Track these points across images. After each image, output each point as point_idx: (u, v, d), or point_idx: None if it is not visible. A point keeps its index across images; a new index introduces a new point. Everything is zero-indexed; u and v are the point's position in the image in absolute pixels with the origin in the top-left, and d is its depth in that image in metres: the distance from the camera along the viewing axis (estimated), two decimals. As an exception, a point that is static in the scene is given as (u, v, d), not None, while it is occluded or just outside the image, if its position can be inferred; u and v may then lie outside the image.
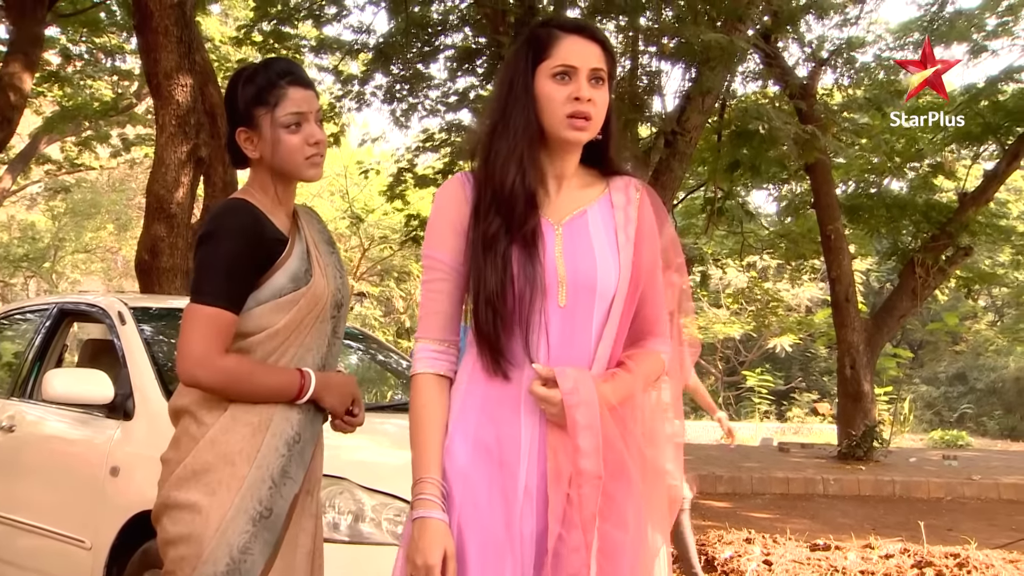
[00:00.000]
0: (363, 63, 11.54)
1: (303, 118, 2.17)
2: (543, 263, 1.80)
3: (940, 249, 10.66)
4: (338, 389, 2.23)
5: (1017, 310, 17.57)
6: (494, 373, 1.81)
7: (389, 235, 18.34)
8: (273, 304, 2.13)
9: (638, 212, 1.91)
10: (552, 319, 1.80)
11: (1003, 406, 21.65)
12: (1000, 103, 10.97)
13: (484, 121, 1.93)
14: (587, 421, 1.76)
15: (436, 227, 1.89)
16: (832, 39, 11.27)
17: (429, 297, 1.89)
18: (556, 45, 1.83)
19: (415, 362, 1.88)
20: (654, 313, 1.93)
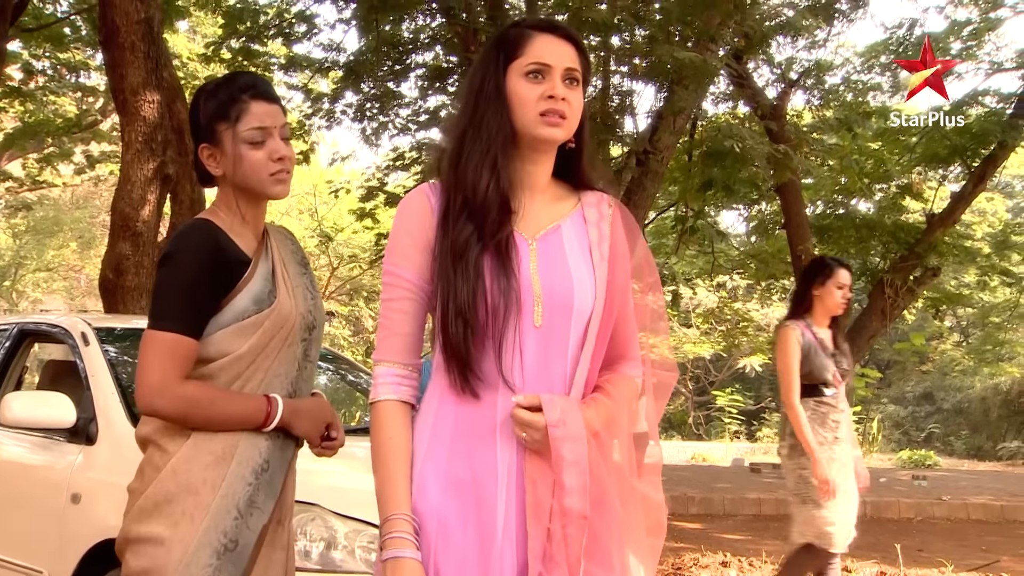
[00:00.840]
0: (333, 81, 11.46)
1: (266, 133, 2.09)
2: (518, 278, 1.70)
3: (909, 270, 10.71)
4: (309, 415, 2.14)
5: (983, 331, 17.74)
6: (463, 391, 1.69)
7: (359, 254, 18.21)
8: (235, 328, 2.04)
9: (611, 229, 1.82)
10: (527, 339, 1.70)
11: (969, 426, 21.85)
12: (966, 126, 11.06)
13: (452, 126, 1.83)
14: (574, 456, 1.66)
15: (398, 241, 1.79)
16: (800, 61, 11.36)
17: (391, 317, 1.77)
18: (528, 43, 1.75)
19: (377, 387, 1.76)
20: (626, 335, 1.84)
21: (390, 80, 10.87)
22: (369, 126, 11.08)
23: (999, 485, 11.87)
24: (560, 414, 1.66)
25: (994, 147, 10.80)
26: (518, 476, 1.68)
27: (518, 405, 1.67)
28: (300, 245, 2.35)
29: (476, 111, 1.76)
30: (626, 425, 1.81)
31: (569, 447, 1.66)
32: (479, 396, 1.70)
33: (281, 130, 2.13)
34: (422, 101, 11.10)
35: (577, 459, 1.66)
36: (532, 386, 1.70)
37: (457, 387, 1.70)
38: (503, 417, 1.69)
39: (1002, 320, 15.77)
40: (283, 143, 2.12)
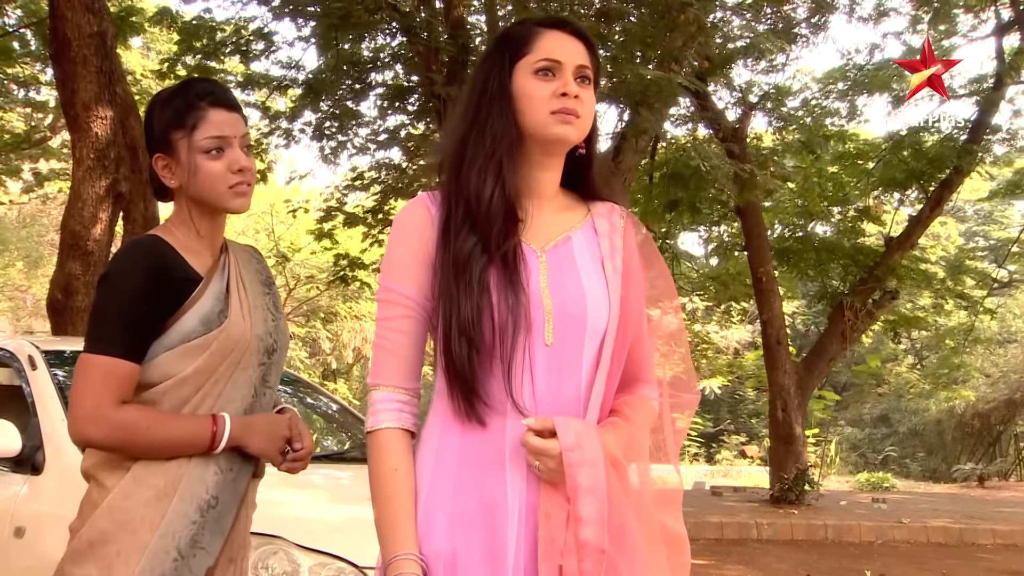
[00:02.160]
0: (291, 99, 11.31)
1: (225, 142, 1.95)
2: (527, 293, 1.56)
3: (868, 292, 10.79)
4: (265, 431, 1.97)
5: (937, 354, 17.96)
6: (468, 418, 1.55)
7: (316, 274, 18.01)
8: (181, 349, 1.89)
9: (623, 241, 1.70)
10: (538, 359, 1.56)
11: (925, 448, 22.07)
12: (922, 150, 11.21)
13: (453, 129, 1.69)
14: (591, 484, 1.52)
15: (396, 255, 1.65)
16: (759, 84, 11.44)
17: (389, 338, 1.63)
18: (537, 40, 1.63)
19: (374, 414, 1.62)
20: (642, 355, 1.71)
21: (349, 99, 10.76)
22: (328, 145, 10.96)
23: (956, 508, 11.91)
24: (575, 438, 1.53)
25: (949, 172, 10.95)
26: (529, 509, 1.55)
27: (529, 430, 1.53)
28: (266, 264, 2.20)
29: (479, 112, 1.63)
30: (646, 451, 1.68)
31: (586, 473, 1.52)
32: (485, 422, 1.56)
33: (241, 140, 1.99)
34: (382, 120, 11.01)
35: (594, 487, 1.52)
36: (544, 409, 1.56)
37: (461, 413, 1.57)
38: (513, 444, 1.56)
39: (956, 343, 15.94)
40: (243, 154, 1.98)
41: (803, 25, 10.26)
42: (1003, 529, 9.77)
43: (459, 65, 9.40)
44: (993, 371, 20.16)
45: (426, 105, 10.26)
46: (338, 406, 5.44)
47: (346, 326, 21.08)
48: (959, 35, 12.80)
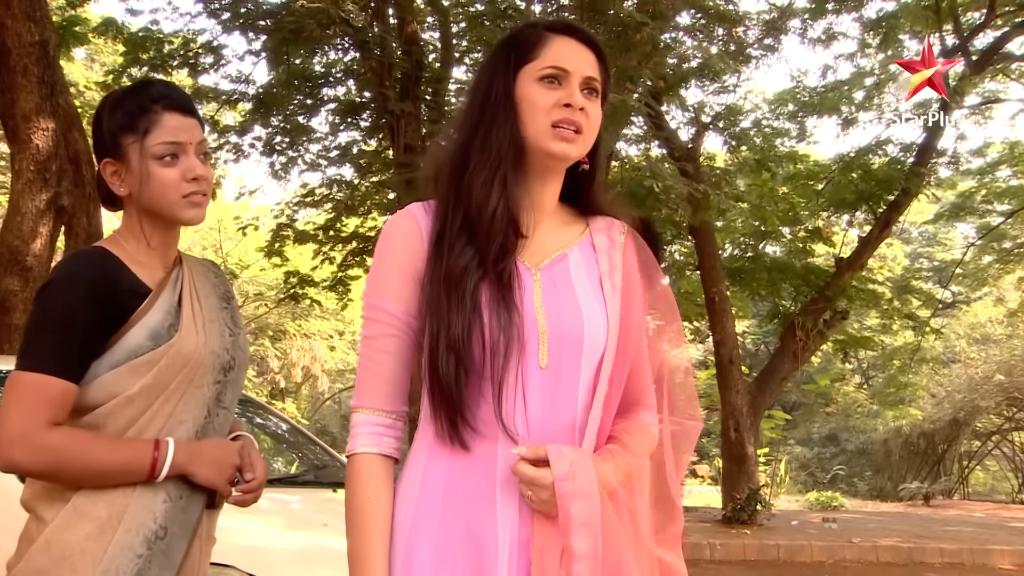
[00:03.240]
0: (240, 114, 11.12)
1: (180, 149, 1.82)
2: (521, 312, 1.46)
3: (819, 312, 10.86)
4: (213, 458, 1.82)
5: (884, 373, 18.19)
6: (451, 442, 1.46)
7: (265, 292, 17.72)
8: (127, 367, 1.74)
9: (623, 258, 1.60)
10: (531, 382, 1.47)
11: (872, 467, 22.31)
12: (871, 172, 11.35)
13: (454, 134, 1.59)
14: (584, 516, 1.42)
15: (382, 269, 1.54)
16: (711, 105, 11.51)
17: (372, 357, 1.53)
18: (545, 45, 1.54)
19: (354, 438, 1.52)
20: (641, 379, 1.61)
21: (300, 114, 10.63)
22: (278, 160, 10.81)
23: (904, 526, 12.01)
24: (569, 467, 1.43)
25: (898, 194, 11.08)
26: (521, 543, 1.45)
27: (521, 458, 1.44)
28: (225, 279, 2.07)
29: (483, 118, 1.53)
30: (646, 481, 1.58)
31: (579, 505, 1.42)
32: (469, 447, 1.46)
33: (198, 147, 1.86)
34: (333, 136, 10.88)
35: (587, 520, 1.43)
36: (537, 436, 1.47)
37: (445, 437, 1.47)
38: (504, 473, 1.46)
39: (903, 363, 16.14)
40: (199, 161, 1.85)
41: (755, 47, 10.34)
42: (950, 548, 9.84)
43: (412, 81, 9.33)
44: (938, 391, 20.47)
45: (379, 121, 10.16)
46: (288, 426, 5.29)
47: (295, 344, 20.79)
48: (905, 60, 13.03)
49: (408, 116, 9.16)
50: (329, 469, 4.46)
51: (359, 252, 10.75)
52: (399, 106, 8.89)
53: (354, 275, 11.24)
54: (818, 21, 11.66)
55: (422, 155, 8.98)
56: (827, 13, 11.59)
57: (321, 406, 25.14)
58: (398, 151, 9.34)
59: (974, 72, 11.54)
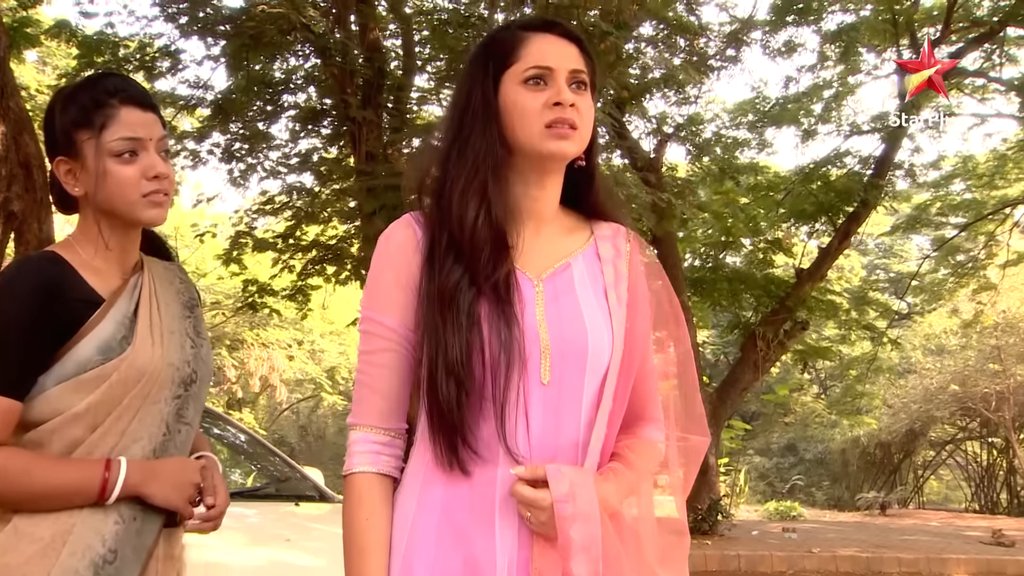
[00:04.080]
0: (199, 120, 10.94)
1: (140, 145, 1.72)
2: (521, 326, 1.41)
3: (779, 323, 10.90)
4: (170, 477, 1.71)
5: (841, 383, 18.36)
6: (450, 467, 1.40)
7: (222, 300, 17.47)
8: (75, 382, 1.63)
9: (629, 267, 1.55)
10: (533, 399, 1.41)
11: (830, 477, 22.48)
12: (831, 183, 11.45)
13: (433, 147, 1.53)
14: (585, 540, 1.36)
15: (379, 281, 1.49)
16: (673, 115, 11.54)
17: (370, 372, 1.48)
18: (524, 46, 1.48)
19: (351, 456, 1.47)
20: (646, 393, 1.56)
21: (260, 121, 10.46)
22: (237, 167, 10.61)
23: (863, 536, 12.09)
24: (568, 488, 1.37)
25: (857, 205, 11.17)
26: (520, 567, 1.39)
27: (519, 479, 1.38)
28: (191, 284, 1.96)
29: (461, 129, 1.48)
30: (651, 500, 1.52)
31: (579, 528, 1.36)
32: (469, 472, 1.41)
33: (158, 143, 1.76)
34: (293, 144, 10.72)
35: (589, 543, 1.37)
36: (540, 455, 1.41)
37: (444, 462, 1.41)
38: (504, 495, 1.40)
39: (860, 373, 16.28)
40: (160, 159, 1.75)
41: (716, 58, 10.39)
42: (908, 558, 9.92)
43: (374, 89, 9.23)
44: (894, 401, 20.70)
45: (340, 129, 10.04)
46: (247, 437, 5.17)
47: (253, 354, 20.50)
48: (863, 72, 13.20)
49: (370, 124, 9.05)
50: (291, 482, 4.36)
51: (319, 261, 10.61)
52: (361, 113, 8.79)
53: (314, 284, 11.10)
54: (779, 33, 11.75)
55: (383, 163, 8.89)
56: (787, 25, 11.69)
57: (279, 416, 24.84)
58: (359, 159, 9.23)
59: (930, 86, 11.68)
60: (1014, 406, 18.09)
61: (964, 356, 19.70)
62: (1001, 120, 14.02)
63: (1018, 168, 14.42)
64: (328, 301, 13.84)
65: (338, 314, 18.22)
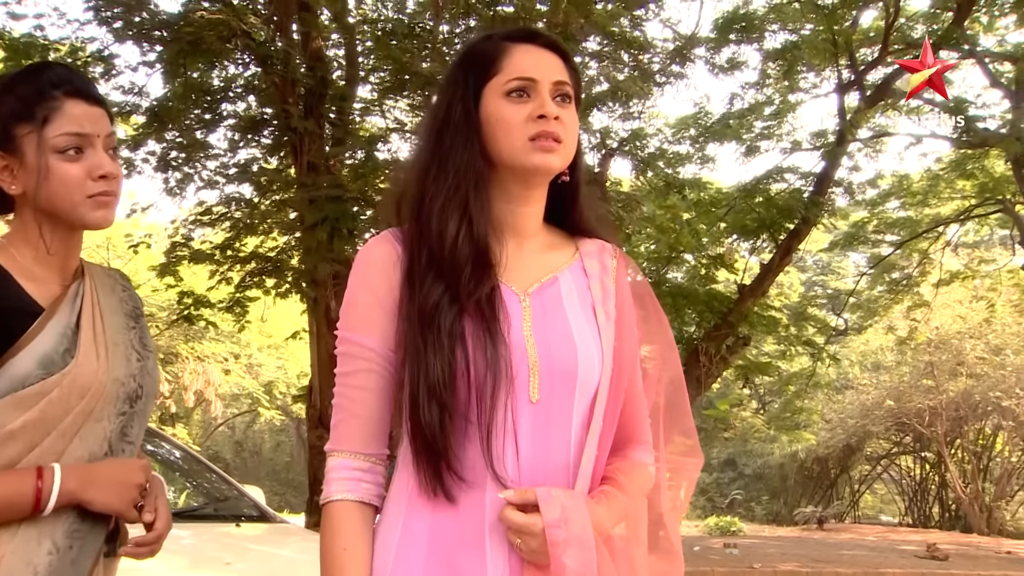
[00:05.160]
0: (133, 127, 10.65)
1: (86, 142, 1.58)
2: (508, 343, 1.33)
3: (722, 338, 10.93)
4: (110, 478, 1.58)
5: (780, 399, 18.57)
6: (435, 494, 1.32)
7: (156, 313, 17.06)
8: (12, 398, 1.50)
9: (616, 284, 1.49)
10: (522, 420, 1.34)
11: (768, 491, 22.74)
12: (772, 199, 11.55)
13: (413, 161, 1.47)
14: (579, 566, 1.29)
15: (358, 300, 1.41)
16: (616, 130, 11.55)
17: (349, 395, 1.40)
18: (506, 56, 1.42)
19: (329, 484, 1.38)
20: (636, 412, 1.49)
21: (198, 129, 10.22)
22: (173, 177, 10.35)
23: (802, 551, 12.19)
24: (560, 512, 1.30)
25: (798, 222, 11.28)
26: None
27: (508, 503, 1.30)
28: (135, 292, 1.83)
29: (440, 143, 1.42)
30: (644, 525, 1.46)
31: (573, 554, 1.29)
32: (455, 498, 1.33)
33: (106, 140, 1.63)
34: (232, 153, 10.49)
35: (582, 570, 1.30)
36: (529, 478, 1.34)
37: (429, 489, 1.33)
38: (493, 521, 1.33)
39: (799, 388, 16.47)
40: (108, 157, 1.62)
41: (660, 74, 10.42)
42: (846, 572, 10.03)
43: (317, 98, 9.08)
44: (832, 416, 21.00)
45: (281, 139, 9.86)
46: (182, 453, 4.99)
47: (188, 367, 20.07)
48: (803, 91, 13.38)
49: (312, 134, 8.90)
50: (231, 501, 4.21)
51: (258, 273, 10.39)
52: (303, 123, 8.63)
53: (253, 296, 10.87)
54: (722, 50, 11.85)
55: (326, 174, 8.74)
56: (730, 43, 11.79)
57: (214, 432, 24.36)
58: (301, 170, 9.06)
59: (868, 106, 11.89)
60: (946, 421, 18.47)
61: (899, 372, 20.10)
62: (936, 140, 14.30)
63: (950, 188, 14.76)
64: (267, 314, 13.59)
65: (276, 327, 17.93)
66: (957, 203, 15.03)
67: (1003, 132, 12.43)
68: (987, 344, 18.32)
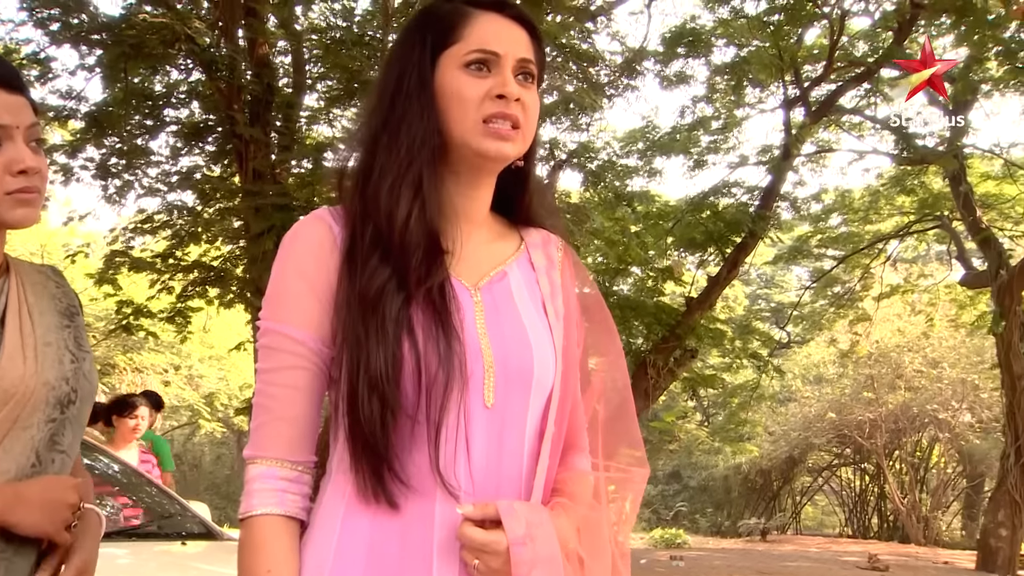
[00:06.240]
0: (71, 132, 10.36)
1: (4, 134, 1.46)
2: (462, 340, 1.21)
3: (669, 351, 10.94)
4: (38, 498, 1.44)
5: (725, 411, 18.69)
6: (376, 499, 1.18)
7: (93, 323, 16.64)
8: None
9: (562, 278, 1.38)
10: (475, 425, 1.22)
11: (713, 504, 22.85)
12: (720, 213, 11.62)
13: (359, 131, 1.33)
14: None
15: (285, 288, 1.26)
16: (565, 143, 11.53)
17: (274, 395, 1.25)
18: (468, 24, 1.29)
19: (248, 495, 1.23)
20: (577, 418, 1.37)
21: (139, 135, 9.97)
22: (112, 184, 10.08)
23: (747, 563, 12.25)
24: (525, 528, 1.18)
25: (745, 235, 11.36)
26: None
27: (466, 519, 1.18)
28: (70, 289, 1.68)
29: (392, 113, 1.28)
30: (605, 539, 1.33)
31: (541, 574, 1.17)
32: (399, 505, 1.20)
33: (28, 131, 1.49)
34: (174, 160, 10.25)
35: None
36: (483, 490, 1.22)
37: (368, 493, 1.19)
38: (443, 535, 1.20)
39: (743, 400, 16.59)
40: (30, 150, 1.49)
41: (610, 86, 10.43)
42: (793, 583, 10.09)
43: (263, 105, 8.91)
44: (775, 429, 21.20)
45: (225, 146, 9.66)
46: (121, 466, 4.79)
47: (125, 379, 19.58)
48: (749, 106, 13.52)
49: (257, 141, 8.72)
50: (175, 518, 4.04)
51: (201, 282, 10.15)
52: (248, 130, 8.45)
53: (195, 307, 10.62)
54: (670, 64, 11.91)
55: (272, 183, 8.57)
56: (678, 57, 11.85)
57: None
58: (246, 177, 8.87)
59: (813, 121, 12.04)
60: (885, 433, 18.76)
61: (841, 385, 20.36)
62: (877, 156, 14.55)
63: (891, 205, 15.02)
64: (210, 324, 13.31)
65: (219, 338, 17.59)
66: (897, 219, 15.30)
67: (941, 150, 12.70)
68: (925, 358, 18.67)
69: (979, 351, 17.57)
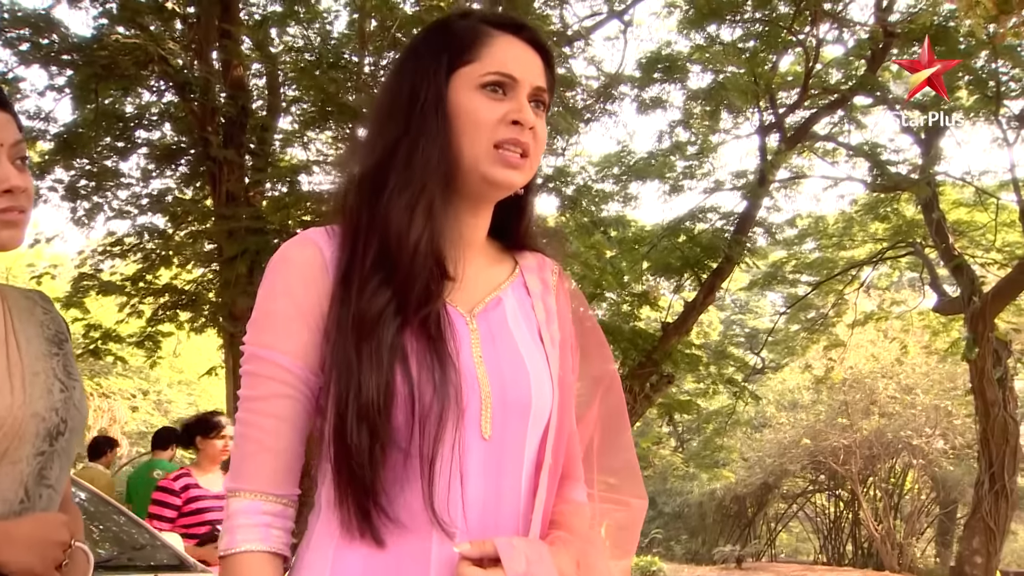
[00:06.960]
0: (40, 154, 10.20)
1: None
2: (458, 370, 1.15)
3: (646, 376, 10.90)
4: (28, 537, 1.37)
5: (699, 436, 18.68)
6: (361, 536, 1.12)
7: (60, 349, 16.41)
8: None
9: (557, 304, 1.33)
10: (471, 457, 1.16)
11: (687, 530, 22.79)
12: (696, 238, 11.64)
13: (368, 144, 1.26)
14: None
15: (273, 312, 1.19)
16: (541, 167, 11.51)
17: (258, 424, 1.18)
18: (486, 44, 1.23)
19: (231, 531, 1.15)
20: (572, 447, 1.32)
21: (109, 157, 9.83)
22: (81, 206, 9.92)
23: (724, 590, 12.17)
24: (525, 567, 1.12)
25: (721, 260, 11.37)
26: None
27: (463, 557, 1.11)
28: (58, 315, 1.60)
29: (408, 130, 1.21)
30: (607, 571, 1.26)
31: None
32: (385, 543, 1.13)
33: (12, 149, 1.42)
34: (145, 183, 10.11)
35: None
36: (479, 528, 1.16)
37: (354, 530, 1.13)
38: (438, 574, 1.13)
39: (718, 426, 16.57)
40: (15, 169, 1.42)
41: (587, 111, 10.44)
42: (771, 612, 10.01)
43: (237, 128, 8.83)
44: (750, 455, 21.19)
45: (198, 169, 9.55)
46: (88, 494, 4.64)
47: (92, 404, 19.28)
48: (725, 132, 13.58)
49: (231, 164, 8.63)
50: (146, 550, 3.90)
51: (172, 306, 10.00)
52: (222, 153, 8.36)
53: (166, 331, 10.45)
54: (646, 89, 11.94)
55: (245, 206, 8.47)
56: (654, 82, 11.89)
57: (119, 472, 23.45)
58: (219, 200, 8.77)
59: (788, 147, 12.10)
60: (860, 459, 18.78)
61: (815, 411, 20.40)
62: (851, 183, 14.63)
63: (864, 231, 15.10)
64: (180, 349, 13.12)
65: (189, 363, 17.38)
66: (871, 246, 15.38)
67: (914, 176, 12.80)
68: (899, 384, 18.74)
69: (952, 377, 17.65)
